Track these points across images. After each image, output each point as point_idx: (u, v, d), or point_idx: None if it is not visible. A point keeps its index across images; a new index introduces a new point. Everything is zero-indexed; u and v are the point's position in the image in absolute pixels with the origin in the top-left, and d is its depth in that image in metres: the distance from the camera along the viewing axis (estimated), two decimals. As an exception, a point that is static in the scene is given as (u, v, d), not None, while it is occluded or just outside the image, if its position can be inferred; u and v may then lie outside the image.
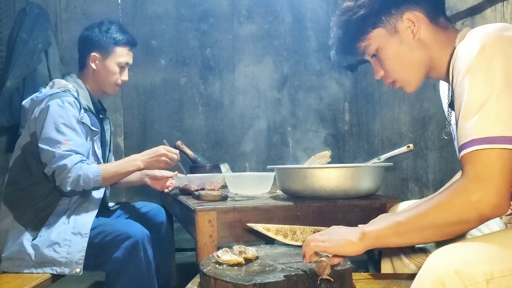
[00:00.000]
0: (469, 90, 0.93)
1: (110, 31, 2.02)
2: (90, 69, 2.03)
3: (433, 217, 0.94)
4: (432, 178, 2.62)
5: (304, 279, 1.04)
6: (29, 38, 3.15)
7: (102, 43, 2.01)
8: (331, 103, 3.98)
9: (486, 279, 0.84)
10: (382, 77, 1.22)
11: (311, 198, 1.59)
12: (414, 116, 2.79)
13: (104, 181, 1.82)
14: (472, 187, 0.90)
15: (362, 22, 1.16)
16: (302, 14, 3.92)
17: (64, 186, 1.75)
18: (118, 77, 2.04)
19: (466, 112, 0.93)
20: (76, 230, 1.76)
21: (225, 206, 1.51)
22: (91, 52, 2.01)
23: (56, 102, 1.81)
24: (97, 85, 2.06)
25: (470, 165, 0.92)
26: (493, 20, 2.04)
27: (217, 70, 3.82)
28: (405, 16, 1.13)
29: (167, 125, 3.71)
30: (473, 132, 0.91)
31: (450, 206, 0.92)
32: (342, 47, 1.23)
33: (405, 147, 1.58)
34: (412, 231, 0.97)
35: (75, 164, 1.75)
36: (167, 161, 1.88)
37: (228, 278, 1.03)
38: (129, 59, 2.07)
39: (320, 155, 1.83)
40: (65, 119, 1.79)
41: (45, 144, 1.77)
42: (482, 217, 0.90)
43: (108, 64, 2.01)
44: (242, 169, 3.22)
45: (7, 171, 1.96)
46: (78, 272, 1.72)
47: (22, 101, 3.08)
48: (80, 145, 1.81)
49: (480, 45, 0.95)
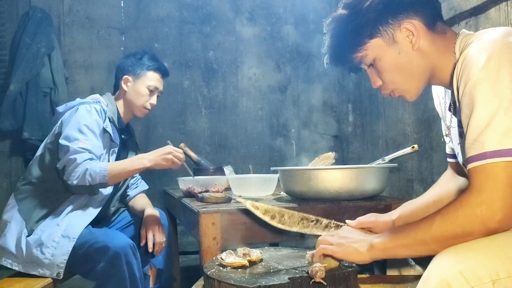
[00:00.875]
0: (478, 103, 0.91)
1: (144, 58, 2.17)
2: (122, 91, 2.15)
3: (439, 230, 0.93)
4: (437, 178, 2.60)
5: (308, 281, 1.03)
6: (32, 42, 3.16)
7: (135, 67, 2.14)
8: (334, 105, 3.97)
9: (492, 280, 0.83)
10: (380, 87, 1.18)
11: (315, 199, 1.59)
12: (418, 116, 2.77)
13: (111, 177, 1.83)
14: (477, 200, 0.89)
15: (358, 32, 1.11)
16: (305, 16, 3.92)
17: (70, 179, 1.79)
18: (146, 99, 2.14)
19: (475, 125, 0.92)
20: (66, 233, 1.78)
21: (229, 208, 1.50)
22: (124, 75, 2.14)
23: (84, 107, 1.93)
24: (127, 106, 2.16)
25: (476, 178, 0.91)
26: (497, 20, 2.03)
27: (220, 73, 3.82)
28: (403, 25, 1.09)
29: (171, 127, 3.71)
30: (482, 146, 0.90)
31: (455, 219, 0.91)
32: (336, 57, 1.18)
33: (410, 148, 1.57)
34: (418, 244, 0.97)
35: (85, 160, 1.80)
36: (173, 159, 1.87)
37: (232, 281, 1.02)
38: (159, 85, 2.17)
39: (324, 157, 1.82)
40: (88, 121, 1.88)
41: (64, 140, 1.84)
42: (487, 230, 0.89)
43: (138, 86, 2.13)
44: (245, 171, 3.21)
45: (11, 173, 1.99)
46: (58, 276, 1.73)
47: (25, 105, 3.15)
48: (96, 147, 1.87)
49: (487, 55, 0.93)
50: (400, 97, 1.18)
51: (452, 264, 0.86)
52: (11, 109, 3.16)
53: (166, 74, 2.23)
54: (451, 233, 0.91)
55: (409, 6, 1.09)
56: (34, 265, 1.76)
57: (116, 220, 2.19)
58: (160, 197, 3.02)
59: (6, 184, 3.41)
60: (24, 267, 1.77)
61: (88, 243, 1.77)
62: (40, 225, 1.81)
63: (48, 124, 3.23)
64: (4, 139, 3.39)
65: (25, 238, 1.78)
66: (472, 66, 0.95)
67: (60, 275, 1.73)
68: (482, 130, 0.90)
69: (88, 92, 3.41)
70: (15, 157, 3.42)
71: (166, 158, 1.87)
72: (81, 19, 3.58)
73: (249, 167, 2.58)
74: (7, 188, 3.37)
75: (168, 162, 1.88)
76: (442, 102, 1.27)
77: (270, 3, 3.89)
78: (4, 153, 3.41)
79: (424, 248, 0.96)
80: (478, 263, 0.84)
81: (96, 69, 3.59)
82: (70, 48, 3.54)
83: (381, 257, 1.04)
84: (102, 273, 1.74)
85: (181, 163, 1.91)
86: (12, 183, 3.36)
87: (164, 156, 1.88)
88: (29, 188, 1.91)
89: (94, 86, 3.55)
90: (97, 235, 1.81)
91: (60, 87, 3.29)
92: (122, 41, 3.66)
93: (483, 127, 0.90)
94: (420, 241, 0.96)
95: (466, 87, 0.95)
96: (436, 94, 1.33)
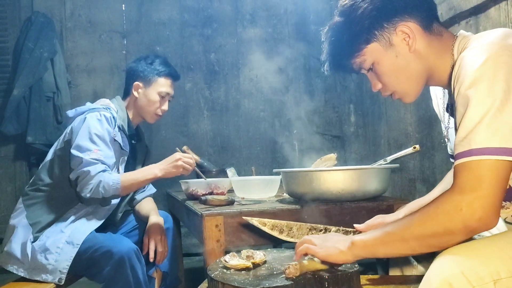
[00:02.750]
0: (472, 102, 0.91)
1: (155, 63, 2.13)
2: (132, 97, 2.12)
3: (419, 227, 0.93)
4: (440, 178, 2.60)
5: (312, 282, 1.04)
6: (35, 47, 3.18)
7: (146, 73, 2.11)
8: (336, 105, 3.97)
9: (493, 280, 0.83)
10: (380, 90, 1.19)
11: (317, 201, 1.59)
12: (420, 116, 2.78)
13: (124, 189, 1.85)
14: (458, 197, 0.89)
15: (354, 39, 1.12)
16: (306, 17, 3.92)
17: (84, 192, 1.79)
18: (158, 106, 2.12)
19: (466, 122, 0.92)
20: (70, 239, 1.79)
21: (232, 211, 1.51)
22: (135, 81, 2.11)
23: (94, 115, 1.90)
24: (138, 112, 2.14)
25: (460, 175, 0.91)
26: (497, 19, 2.03)
27: (222, 75, 3.83)
28: (398, 28, 1.09)
29: (173, 130, 3.72)
30: (469, 143, 0.90)
31: (435, 216, 0.91)
32: (336, 64, 1.19)
33: (412, 148, 1.57)
34: (398, 241, 0.96)
35: (98, 172, 1.79)
36: (184, 166, 1.88)
37: (236, 283, 1.03)
38: (170, 90, 2.15)
39: (326, 158, 1.83)
40: (99, 131, 1.86)
41: (76, 150, 1.83)
42: (467, 228, 0.88)
43: (149, 93, 2.10)
44: (248, 173, 3.22)
45: (15, 178, 2.00)
46: (60, 281, 1.74)
47: (28, 110, 3.17)
48: (108, 157, 1.86)
49: (484, 56, 0.93)
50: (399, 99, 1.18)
51: (453, 264, 0.86)
52: (15, 114, 3.18)
53: (177, 78, 2.21)
54: (431, 230, 0.91)
55: (403, 9, 1.09)
56: (38, 270, 1.76)
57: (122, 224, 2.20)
58: (164, 199, 3.03)
59: (11, 188, 3.42)
60: (29, 273, 1.77)
61: (92, 248, 1.78)
62: (46, 231, 1.82)
63: (51, 128, 3.26)
64: (8, 144, 3.41)
65: (31, 244, 1.79)
66: (468, 67, 0.95)
67: (62, 281, 1.74)
68: (472, 128, 0.90)
69: (91, 95, 3.44)
70: (19, 161, 3.44)
71: (177, 165, 1.88)
72: (83, 23, 3.60)
73: (251, 168, 2.59)
74: (12, 192, 3.39)
75: (178, 169, 1.89)
76: (440, 103, 1.28)
77: (270, 4, 3.90)
78: (8, 158, 3.43)
79: (404, 246, 0.96)
80: (480, 263, 0.85)
81: (99, 73, 3.61)
82: (72, 52, 3.56)
83: (362, 255, 1.03)
84: (107, 278, 1.75)
85: (192, 168, 1.91)
86: (16, 187, 3.38)
87: (174, 164, 1.88)
88: (38, 194, 1.91)
89: (97, 90, 3.57)
90: (101, 240, 1.82)
91: (63, 91, 3.31)
92: (124, 45, 3.67)
93: (473, 125, 0.90)
94: (400, 238, 0.95)
95: (462, 87, 0.95)
96: (434, 94, 1.33)
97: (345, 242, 1.05)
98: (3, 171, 3.42)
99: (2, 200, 3.42)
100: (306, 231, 1.24)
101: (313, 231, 1.24)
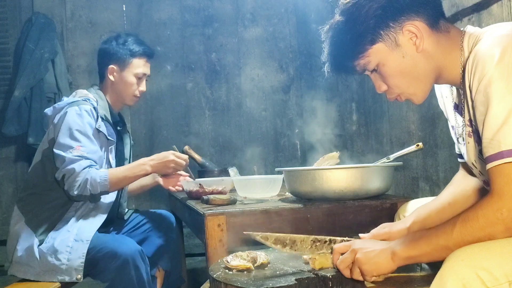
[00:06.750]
0: (493, 100, 0.90)
1: (127, 43, 2.06)
2: (108, 81, 2.07)
3: (460, 235, 0.92)
4: (443, 176, 2.59)
5: (315, 282, 1.03)
6: (35, 48, 3.18)
7: (119, 55, 2.05)
8: (338, 104, 3.96)
9: (509, 280, 0.82)
10: (385, 92, 1.14)
11: (320, 199, 1.58)
12: (423, 114, 2.76)
13: (112, 185, 1.82)
14: (498, 203, 0.89)
15: (358, 40, 1.07)
16: (307, 16, 3.91)
17: (71, 190, 1.78)
18: (135, 88, 2.07)
19: (491, 123, 0.90)
20: (78, 236, 1.78)
21: (234, 210, 1.50)
22: (109, 65, 2.05)
23: (74, 110, 1.85)
24: (116, 96, 2.09)
25: (496, 180, 0.90)
26: (500, 15, 2.02)
27: (223, 74, 3.82)
28: (405, 28, 1.05)
29: (175, 130, 3.71)
30: (498, 145, 0.89)
31: (476, 222, 0.90)
32: (337, 65, 1.14)
33: (414, 146, 1.56)
34: (441, 250, 0.95)
35: (83, 168, 1.77)
36: (175, 167, 1.88)
37: (239, 283, 1.02)
38: (146, 70, 2.10)
39: (328, 156, 1.82)
40: (80, 126, 1.83)
41: (58, 149, 1.80)
42: (509, 231, 0.88)
43: (126, 75, 2.05)
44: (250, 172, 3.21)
45: (17, 179, 1.99)
46: (79, 279, 1.73)
47: (30, 111, 3.17)
48: (92, 152, 1.83)
49: (500, 50, 0.91)
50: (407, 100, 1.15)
51: (467, 264, 0.85)
52: (16, 115, 3.18)
53: (152, 56, 2.13)
54: (473, 236, 0.90)
55: (409, 7, 1.05)
56: (52, 272, 1.74)
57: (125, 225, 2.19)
58: (165, 199, 3.02)
59: (12, 189, 3.42)
60: (42, 276, 1.75)
61: (96, 248, 1.77)
62: (51, 233, 1.80)
63: (53, 129, 3.25)
64: (9, 145, 3.41)
65: (37, 248, 1.77)
66: (485, 62, 0.92)
67: (81, 278, 1.73)
68: (498, 128, 0.89)
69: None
70: (20, 163, 3.43)
71: (168, 166, 1.88)
72: (84, 24, 3.59)
73: (253, 168, 2.58)
74: (13, 193, 3.39)
75: (168, 170, 1.89)
76: (447, 101, 1.24)
77: (271, 3, 3.89)
78: (9, 159, 3.43)
79: (447, 253, 0.94)
80: (494, 264, 0.83)
81: (100, 74, 3.60)
82: (73, 53, 3.56)
83: (404, 264, 1.02)
84: (111, 278, 1.75)
85: (182, 169, 1.91)
86: (17, 189, 3.37)
87: (165, 164, 1.89)
88: (34, 198, 1.88)
89: (98, 90, 3.56)
90: (105, 241, 1.81)
91: (64, 92, 3.30)
92: (125, 45, 3.66)
93: (499, 125, 0.89)
94: (443, 247, 0.94)
95: (481, 84, 0.92)
96: (439, 93, 1.29)
97: (386, 253, 1.03)
98: (4, 172, 3.42)
99: (3, 201, 3.42)
100: (310, 243, 1.22)
101: (317, 243, 1.22)
